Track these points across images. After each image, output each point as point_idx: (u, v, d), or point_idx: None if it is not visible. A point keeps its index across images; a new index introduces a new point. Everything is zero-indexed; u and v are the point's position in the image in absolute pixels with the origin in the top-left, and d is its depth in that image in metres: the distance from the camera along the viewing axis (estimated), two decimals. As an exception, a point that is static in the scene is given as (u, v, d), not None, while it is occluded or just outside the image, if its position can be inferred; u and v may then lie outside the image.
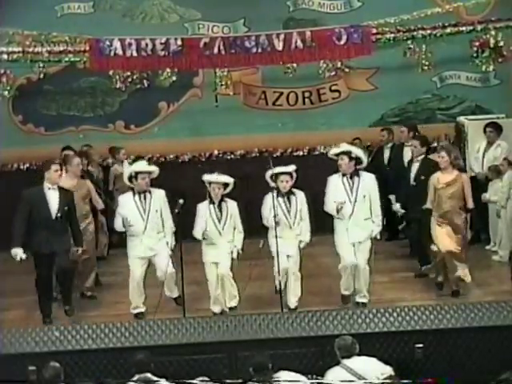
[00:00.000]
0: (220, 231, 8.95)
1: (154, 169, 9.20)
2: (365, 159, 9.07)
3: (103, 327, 8.48)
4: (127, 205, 9.02)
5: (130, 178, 9.06)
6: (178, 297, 9.10)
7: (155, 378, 7.22)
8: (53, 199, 8.85)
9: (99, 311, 9.36)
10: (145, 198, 9.03)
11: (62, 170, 9.08)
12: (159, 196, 9.11)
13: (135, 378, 7.22)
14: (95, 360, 8.35)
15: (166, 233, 9.09)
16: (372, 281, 9.08)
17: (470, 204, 9.16)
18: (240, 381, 7.12)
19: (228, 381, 7.29)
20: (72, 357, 8.27)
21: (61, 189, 8.97)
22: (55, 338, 8.40)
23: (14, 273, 9.91)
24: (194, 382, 7.32)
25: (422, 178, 9.50)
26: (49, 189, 8.88)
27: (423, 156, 9.90)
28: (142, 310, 9.06)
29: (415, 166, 9.85)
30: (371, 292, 9.10)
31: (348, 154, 8.90)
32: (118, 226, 9.09)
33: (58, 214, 8.83)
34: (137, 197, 9.04)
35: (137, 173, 9.02)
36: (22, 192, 8.96)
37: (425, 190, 9.22)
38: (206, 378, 7.47)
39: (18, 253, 8.65)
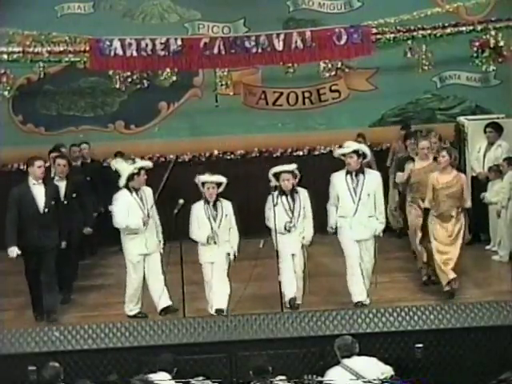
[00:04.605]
0: (216, 231, 8.94)
1: (151, 164, 9.33)
2: (369, 155, 9.16)
3: (103, 327, 8.49)
4: (127, 202, 8.99)
5: (131, 176, 9.02)
6: (168, 307, 9.10)
7: (156, 378, 7.23)
8: (39, 194, 8.93)
9: (99, 311, 9.36)
10: (140, 195, 9.07)
11: (45, 166, 9.17)
12: (150, 193, 9.17)
13: (135, 378, 7.22)
14: (95, 360, 8.35)
15: (158, 230, 9.17)
16: (374, 281, 9.09)
17: (468, 204, 9.18)
18: (240, 381, 7.14)
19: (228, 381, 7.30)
20: (72, 357, 8.28)
21: (46, 184, 9.04)
22: (55, 337, 8.40)
23: (14, 273, 9.91)
24: (194, 381, 7.34)
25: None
26: (34, 184, 8.96)
27: None
28: (138, 310, 9.09)
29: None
30: (371, 292, 9.10)
31: (357, 151, 8.94)
32: (120, 222, 8.98)
33: (46, 209, 8.91)
34: (134, 194, 9.05)
35: (140, 169, 9.05)
36: (11, 190, 9.04)
37: None
38: (205, 378, 7.50)
39: (13, 250, 8.81)
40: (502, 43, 11.07)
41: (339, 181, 8.97)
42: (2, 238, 8.95)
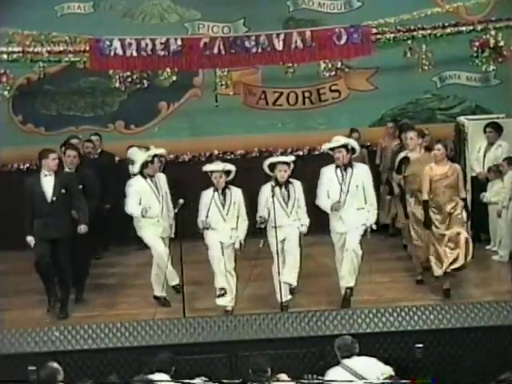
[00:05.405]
0: (224, 217, 9.01)
1: (165, 151, 9.86)
2: (358, 149, 9.27)
3: (103, 327, 8.49)
4: (142, 188, 9.26)
5: (145, 163, 9.32)
6: (177, 285, 9.30)
7: (156, 378, 7.22)
8: (48, 184, 9.01)
9: (99, 311, 9.36)
10: (154, 181, 9.35)
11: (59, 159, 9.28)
12: (164, 179, 9.48)
13: (135, 378, 7.22)
14: (95, 360, 8.36)
15: (170, 216, 9.41)
16: (374, 281, 9.09)
17: (463, 194, 9.25)
18: (240, 381, 7.13)
19: (228, 381, 7.29)
20: (72, 357, 8.28)
21: (58, 173, 9.09)
22: (55, 337, 8.40)
23: (14, 273, 9.94)
24: (194, 381, 7.33)
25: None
26: (45, 175, 9.04)
27: None
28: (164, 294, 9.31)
29: None
30: (371, 292, 9.11)
31: (346, 146, 8.99)
32: (135, 209, 9.21)
33: (54, 198, 8.96)
34: (148, 180, 9.34)
35: (154, 156, 9.38)
36: (24, 180, 9.18)
37: None
38: (205, 378, 7.49)
39: (30, 240, 8.96)
40: (502, 43, 11.08)
41: (328, 174, 9.06)
42: (2, 237, 8.96)
